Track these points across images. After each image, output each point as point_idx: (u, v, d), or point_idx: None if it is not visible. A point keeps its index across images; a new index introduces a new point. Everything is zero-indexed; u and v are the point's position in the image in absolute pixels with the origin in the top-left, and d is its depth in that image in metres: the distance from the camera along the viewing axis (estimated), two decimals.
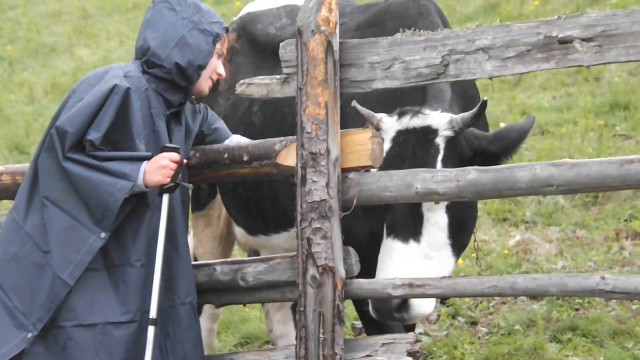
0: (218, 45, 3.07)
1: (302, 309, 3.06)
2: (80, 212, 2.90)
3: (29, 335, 2.88)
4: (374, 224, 3.25)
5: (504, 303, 4.83)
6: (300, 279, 3.07)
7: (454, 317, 4.82)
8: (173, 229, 3.03)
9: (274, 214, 3.82)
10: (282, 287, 3.19)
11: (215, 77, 3.11)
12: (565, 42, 2.82)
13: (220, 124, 3.30)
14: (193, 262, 3.36)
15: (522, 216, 5.64)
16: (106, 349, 2.89)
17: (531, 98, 7.20)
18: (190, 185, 3.13)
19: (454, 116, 3.13)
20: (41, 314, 2.88)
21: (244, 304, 4.03)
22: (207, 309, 4.37)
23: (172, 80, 3.03)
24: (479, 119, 3.11)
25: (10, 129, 8.31)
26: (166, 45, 3.00)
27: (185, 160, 3.08)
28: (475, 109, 3.07)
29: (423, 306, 3.13)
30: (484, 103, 3.03)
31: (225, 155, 3.19)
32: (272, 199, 3.79)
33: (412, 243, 3.11)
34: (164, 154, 2.97)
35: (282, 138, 3.17)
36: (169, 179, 2.95)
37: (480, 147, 3.19)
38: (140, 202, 2.97)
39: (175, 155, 2.98)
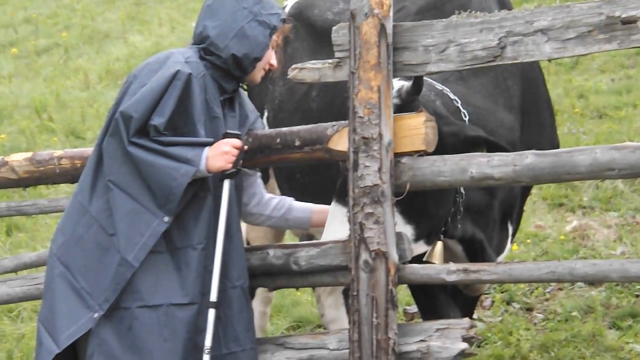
0: (274, 37, 3.07)
1: (354, 293, 3.05)
2: (144, 196, 2.93)
3: (96, 315, 2.93)
4: None
5: (560, 289, 4.74)
6: (353, 263, 3.05)
7: (508, 303, 4.75)
8: (227, 214, 3.03)
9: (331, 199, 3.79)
10: (334, 271, 3.18)
11: (267, 67, 3.12)
12: (628, 22, 2.73)
13: None
14: (246, 246, 3.38)
15: (579, 201, 5.52)
16: (170, 329, 2.92)
17: (589, 81, 7.02)
18: (252, 171, 3.13)
19: (405, 84, 3.06)
20: (107, 294, 2.93)
21: (297, 288, 4.03)
22: (260, 292, 4.40)
23: (227, 70, 3.05)
24: (419, 91, 3.03)
25: (66, 114, 8.47)
26: (225, 36, 3.01)
27: (245, 147, 3.09)
28: (412, 81, 3.01)
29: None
30: (418, 78, 2.97)
31: (278, 140, 3.19)
32: (330, 184, 3.76)
33: (342, 206, 3.08)
34: (226, 139, 2.99)
35: (334, 123, 3.14)
36: (230, 165, 2.97)
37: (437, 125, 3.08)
38: (202, 186, 3.00)
39: (237, 142, 2.99)
